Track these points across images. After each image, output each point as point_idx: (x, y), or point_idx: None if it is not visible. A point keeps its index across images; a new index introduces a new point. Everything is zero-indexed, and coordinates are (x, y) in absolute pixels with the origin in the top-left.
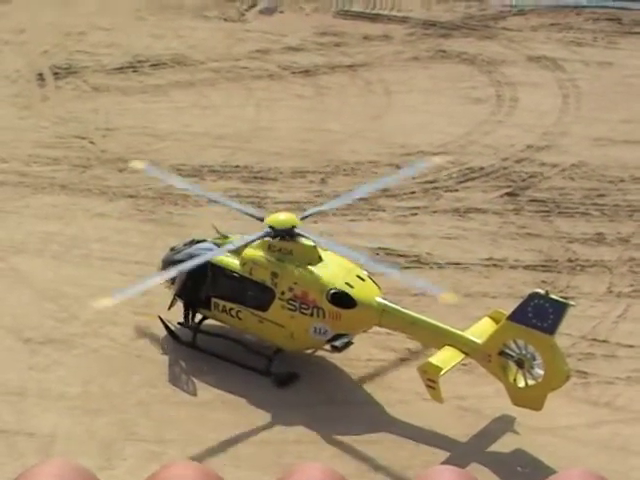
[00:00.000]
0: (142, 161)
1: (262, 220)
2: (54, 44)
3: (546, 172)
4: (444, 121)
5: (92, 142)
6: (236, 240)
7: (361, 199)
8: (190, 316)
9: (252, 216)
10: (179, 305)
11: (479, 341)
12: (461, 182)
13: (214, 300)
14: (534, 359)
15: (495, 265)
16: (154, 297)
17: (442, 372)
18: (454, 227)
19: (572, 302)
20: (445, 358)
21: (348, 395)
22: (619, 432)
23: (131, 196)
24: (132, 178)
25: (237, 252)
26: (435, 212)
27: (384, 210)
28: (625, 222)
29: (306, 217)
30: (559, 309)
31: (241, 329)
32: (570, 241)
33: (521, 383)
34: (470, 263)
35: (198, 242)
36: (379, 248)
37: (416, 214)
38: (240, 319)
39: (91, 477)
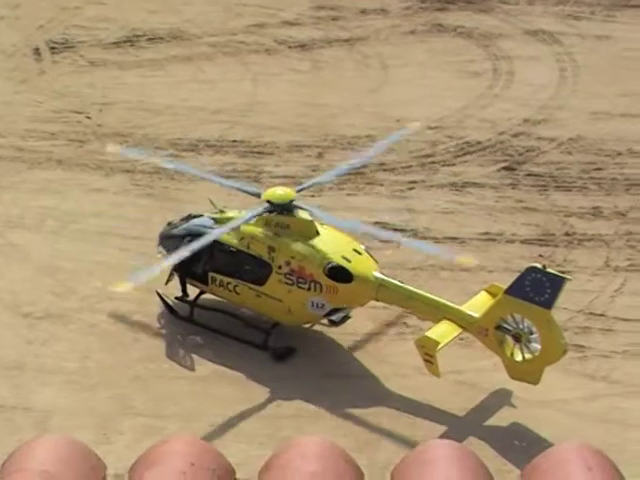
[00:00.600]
0: (116, 145)
1: (259, 196)
2: (50, 18)
3: (543, 146)
4: (441, 95)
5: (89, 117)
6: (237, 219)
7: (358, 171)
8: (186, 289)
9: (248, 193)
10: (176, 280)
11: (476, 315)
12: (458, 156)
13: (211, 275)
14: (531, 333)
15: (492, 239)
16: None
17: (439, 346)
18: (451, 201)
19: (569, 276)
20: (442, 332)
21: (345, 369)
22: (616, 405)
23: (128, 171)
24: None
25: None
26: (432, 186)
27: (381, 184)
28: (622, 196)
29: (302, 189)
30: (556, 283)
31: (238, 303)
32: (567, 215)
33: (518, 357)
34: (467, 237)
35: (195, 217)
36: (376, 222)
37: (413, 188)
38: (237, 293)
39: (88, 452)
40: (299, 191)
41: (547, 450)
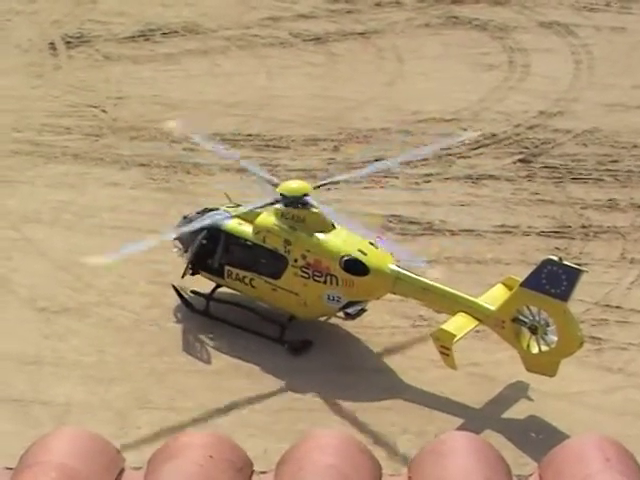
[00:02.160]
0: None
1: (276, 186)
2: (65, 13)
3: (559, 138)
4: (456, 88)
5: (104, 111)
6: (244, 207)
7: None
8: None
9: (267, 180)
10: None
11: (492, 308)
12: (473, 149)
13: (227, 268)
14: (547, 325)
15: (508, 232)
16: (167, 266)
17: (455, 339)
18: (467, 194)
19: (585, 268)
20: (458, 325)
21: (361, 362)
22: (633, 398)
23: (143, 165)
24: (145, 147)
25: (250, 220)
26: (448, 179)
27: (397, 177)
28: (638, 188)
29: (320, 186)
30: (572, 275)
31: (254, 297)
32: (583, 207)
33: (535, 349)
34: (483, 230)
35: (211, 210)
36: (391, 215)
37: (429, 181)
38: (253, 287)
39: (106, 444)
40: (316, 187)
41: (564, 442)
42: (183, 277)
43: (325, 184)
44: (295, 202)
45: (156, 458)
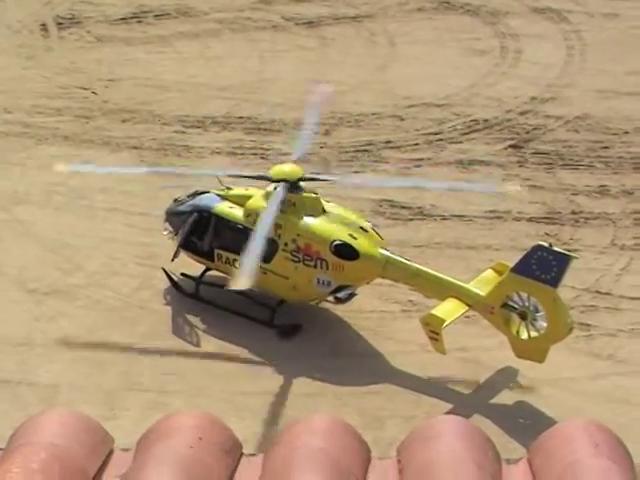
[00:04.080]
0: (65, 165)
1: (269, 179)
2: None
3: (550, 124)
4: (448, 73)
5: (95, 93)
6: (264, 213)
7: (364, 149)
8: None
9: (257, 178)
10: (182, 256)
11: (482, 293)
12: (465, 134)
13: (217, 251)
14: (537, 311)
15: (498, 217)
16: (157, 248)
17: (445, 324)
18: (458, 179)
19: (575, 254)
20: (448, 310)
21: (351, 346)
22: (622, 384)
23: (135, 147)
24: (136, 129)
25: (240, 203)
26: (439, 164)
27: (387, 162)
28: (629, 174)
29: (307, 180)
30: (562, 261)
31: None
32: (574, 193)
33: (524, 335)
34: (473, 215)
35: (201, 193)
36: (382, 200)
37: (420, 166)
38: None
39: (95, 425)
40: (306, 180)
41: (553, 427)
42: (173, 260)
43: (313, 179)
44: (294, 186)
45: (145, 439)
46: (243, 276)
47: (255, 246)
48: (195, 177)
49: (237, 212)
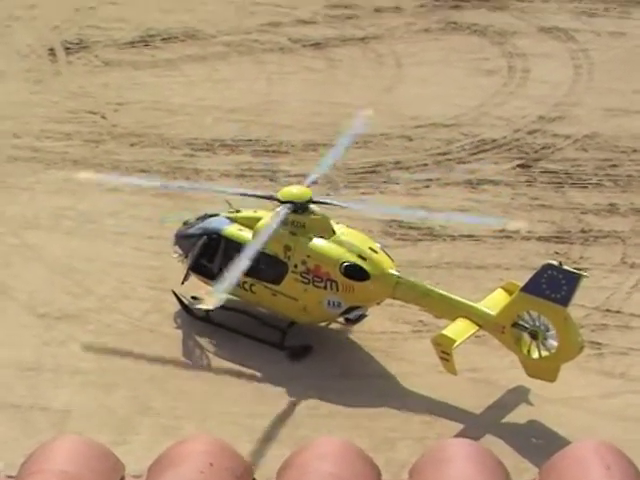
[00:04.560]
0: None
1: (277, 200)
2: (65, 19)
3: (558, 143)
4: (456, 93)
5: (104, 117)
6: (263, 229)
7: (373, 170)
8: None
9: (264, 198)
10: (192, 279)
11: (492, 313)
12: (473, 154)
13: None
14: (548, 330)
15: (508, 237)
16: (167, 271)
17: (456, 344)
18: (467, 199)
19: (585, 273)
20: (459, 330)
21: (362, 368)
22: (633, 403)
23: (143, 170)
24: (145, 153)
25: (250, 226)
26: (447, 184)
27: (396, 182)
28: (638, 192)
29: (316, 202)
30: (572, 280)
31: (254, 303)
32: (583, 212)
33: (535, 354)
34: (483, 235)
35: (211, 216)
36: (392, 220)
37: (428, 186)
38: (254, 292)
39: (106, 452)
40: (314, 202)
41: (564, 448)
42: (183, 283)
43: (321, 203)
44: (302, 207)
45: (156, 465)
46: (217, 294)
47: (240, 263)
48: (201, 200)
49: (246, 234)
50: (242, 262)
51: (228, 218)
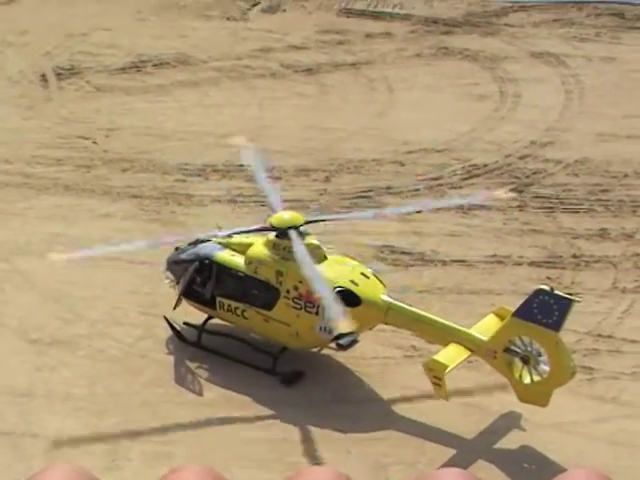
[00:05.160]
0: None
1: (274, 229)
2: (56, 45)
3: (550, 168)
4: (447, 118)
5: (95, 142)
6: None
7: (364, 195)
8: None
9: (263, 230)
10: (184, 305)
11: (484, 338)
12: (465, 179)
13: (219, 299)
14: (539, 355)
15: (499, 262)
16: (159, 297)
17: (448, 369)
18: (458, 224)
19: (577, 298)
20: (450, 355)
21: (354, 393)
22: (625, 428)
23: (135, 196)
24: (136, 178)
25: (241, 251)
26: (439, 209)
27: (388, 208)
28: (629, 217)
29: (310, 222)
30: (564, 305)
31: (246, 328)
32: (574, 237)
33: (527, 379)
34: (474, 260)
35: (203, 242)
36: (383, 246)
37: (420, 211)
38: (245, 318)
39: None
40: (308, 223)
41: (556, 477)
42: (175, 308)
43: (315, 221)
44: (283, 233)
45: None
46: (340, 319)
47: (324, 291)
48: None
49: (238, 260)
50: (323, 287)
51: (220, 243)
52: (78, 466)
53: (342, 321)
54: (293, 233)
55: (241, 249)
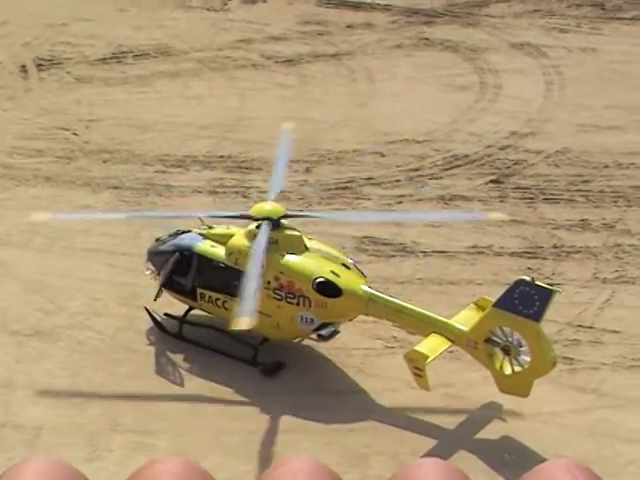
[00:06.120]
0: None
1: (252, 218)
2: (36, 36)
3: (530, 159)
4: (428, 109)
5: (75, 133)
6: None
7: (345, 186)
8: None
9: (240, 218)
10: (165, 296)
11: (465, 328)
12: (446, 170)
13: (200, 291)
14: (520, 346)
15: (480, 252)
16: (140, 288)
17: (429, 360)
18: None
19: (558, 288)
20: (431, 346)
21: (335, 384)
22: (606, 418)
23: (115, 187)
24: (116, 169)
25: (222, 242)
26: (420, 200)
27: (369, 198)
28: (610, 208)
29: (288, 217)
30: (545, 295)
31: (227, 319)
32: (555, 227)
33: (508, 370)
34: (455, 251)
35: (183, 232)
36: (364, 237)
37: (401, 202)
38: (226, 309)
39: (77, 474)
40: (287, 217)
41: (535, 467)
42: (156, 300)
43: (295, 216)
44: (274, 224)
45: None
46: (244, 315)
47: (250, 285)
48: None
49: (219, 251)
50: (252, 282)
51: (200, 234)
52: (58, 457)
53: (244, 319)
54: (265, 224)
55: (222, 240)
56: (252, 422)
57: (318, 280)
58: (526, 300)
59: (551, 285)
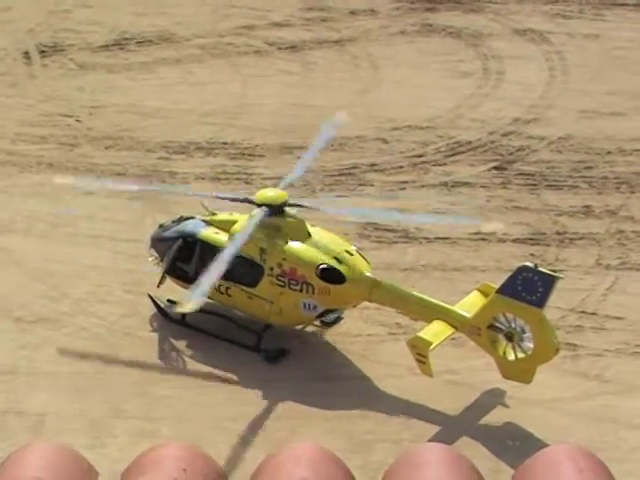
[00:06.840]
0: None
1: (253, 202)
2: (39, 22)
3: (533, 145)
4: (431, 95)
5: (79, 120)
6: (240, 232)
7: (348, 172)
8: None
9: (241, 201)
10: (168, 282)
11: (468, 315)
12: (449, 156)
13: None
14: (523, 332)
15: (484, 239)
16: (143, 275)
17: (432, 346)
18: (442, 201)
19: (561, 275)
20: (435, 332)
21: (338, 370)
22: (608, 404)
23: (119, 174)
24: (120, 156)
25: (225, 229)
26: (423, 186)
27: (372, 185)
28: (613, 194)
29: (291, 205)
30: (548, 282)
31: (230, 306)
32: (558, 214)
33: (511, 356)
34: (458, 237)
35: (187, 219)
36: (367, 223)
37: (404, 188)
38: (229, 296)
39: (79, 458)
40: (288, 205)
41: (538, 452)
42: (159, 286)
43: (297, 205)
44: (276, 210)
45: (129, 472)
46: (194, 297)
47: (215, 268)
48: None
49: (222, 237)
50: (218, 266)
51: (204, 221)
52: (60, 443)
53: (190, 302)
54: (260, 210)
55: (225, 227)
56: (255, 408)
57: (321, 267)
58: (529, 287)
59: (554, 271)
